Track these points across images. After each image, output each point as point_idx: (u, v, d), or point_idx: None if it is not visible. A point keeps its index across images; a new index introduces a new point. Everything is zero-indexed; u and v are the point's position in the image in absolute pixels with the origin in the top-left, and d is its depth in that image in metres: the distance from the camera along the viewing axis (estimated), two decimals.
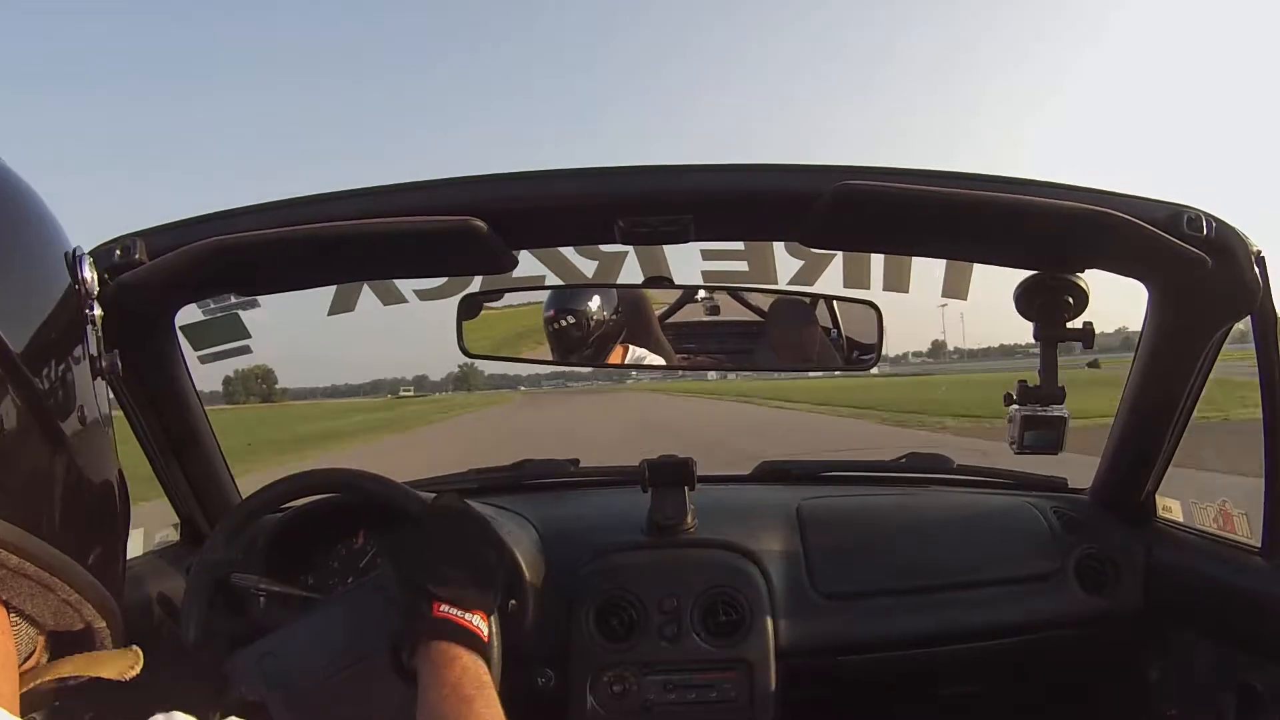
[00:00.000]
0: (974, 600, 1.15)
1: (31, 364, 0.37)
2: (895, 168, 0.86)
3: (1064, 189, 0.86)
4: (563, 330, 1.05)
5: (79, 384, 0.41)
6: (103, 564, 0.41)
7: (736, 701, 1.07)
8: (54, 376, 0.39)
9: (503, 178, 0.90)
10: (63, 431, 0.39)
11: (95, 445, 0.42)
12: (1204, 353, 1.00)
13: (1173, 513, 1.17)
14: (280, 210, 0.89)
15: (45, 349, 0.39)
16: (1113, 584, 1.16)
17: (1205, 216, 0.85)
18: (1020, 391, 1.05)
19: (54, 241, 0.43)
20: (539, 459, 1.45)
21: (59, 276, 0.42)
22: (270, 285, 1.03)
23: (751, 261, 1.15)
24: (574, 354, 1.05)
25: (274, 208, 0.90)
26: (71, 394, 0.40)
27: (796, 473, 1.43)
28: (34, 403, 0.37)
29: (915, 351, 52.54)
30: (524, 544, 1.09)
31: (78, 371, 0.41)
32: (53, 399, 0.39)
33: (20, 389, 0.36)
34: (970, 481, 1.42)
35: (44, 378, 0.38)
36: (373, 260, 0.99)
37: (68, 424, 0.40)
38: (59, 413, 0.39)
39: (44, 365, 0.39)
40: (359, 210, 0.87)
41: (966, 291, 1.11)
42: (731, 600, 1.09)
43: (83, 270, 0.44)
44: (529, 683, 1.06)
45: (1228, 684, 1.00)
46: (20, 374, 0.36)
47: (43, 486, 0.38)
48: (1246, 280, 0.87)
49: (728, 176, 0.89)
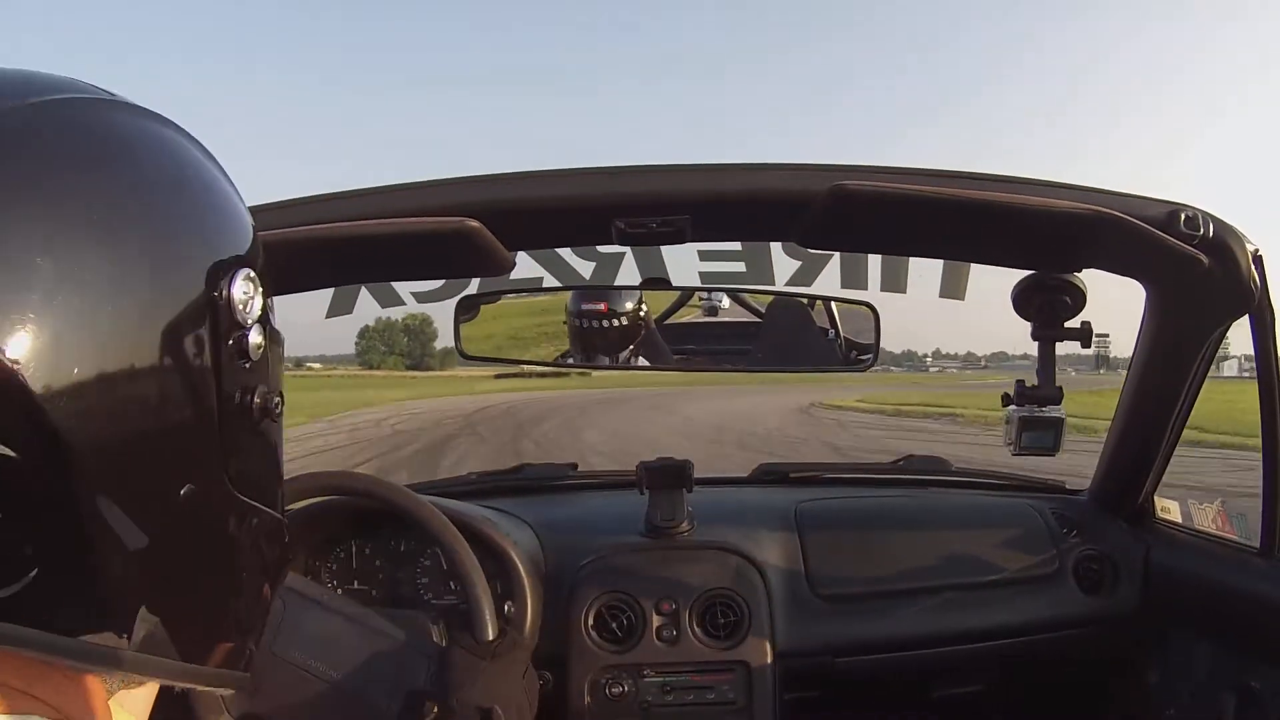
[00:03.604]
0: (973, 601, 1.15)
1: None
2: (891, 167, 0.86)
3: (1061, 188, 0.86)
4: (596, 330, 1.04)
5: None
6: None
7: (735, 703, 1.07)
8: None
9: (499, 178, 0.90)
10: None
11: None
12: (1202, 352, 1.00)
13: (1171, 513, 1.17)
14: (272, 213, 0.89)
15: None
16: (1111, 585, 1.16)
17: (1203, 215, 0.85)
18: (1018, 392, 1.05)
19: (206, 241, 0.36)
20: (538, 463, 1.46)
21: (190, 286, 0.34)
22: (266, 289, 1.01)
23: (749, 262, 1.15)
24: (600, 354, 1.05)
25: (266, 210, 0.90)
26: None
27: (794, 475, 1.43)
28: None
29: (974, 352, 46.15)
30: (522, 546, 1.09)
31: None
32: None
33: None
34: (968, 483, 1.42)
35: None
36: (368, 263, 0.99)
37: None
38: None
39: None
40: (354, 212, 0.86)
41: (964, 292, 1.11)
42: (730, 602, 1.09)
43: (234, 288, 0.36)
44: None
45: (1227, 684, 1.00)
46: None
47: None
48: (1244, 279, 0.87)
49: (725, 177, 0.89)
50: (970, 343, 54.39)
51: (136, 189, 0.34)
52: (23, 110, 0.32)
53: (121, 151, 0.34)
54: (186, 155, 0.38)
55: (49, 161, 0.31)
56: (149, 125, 0.36)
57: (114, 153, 0.34)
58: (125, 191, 0.33)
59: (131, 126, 0.36)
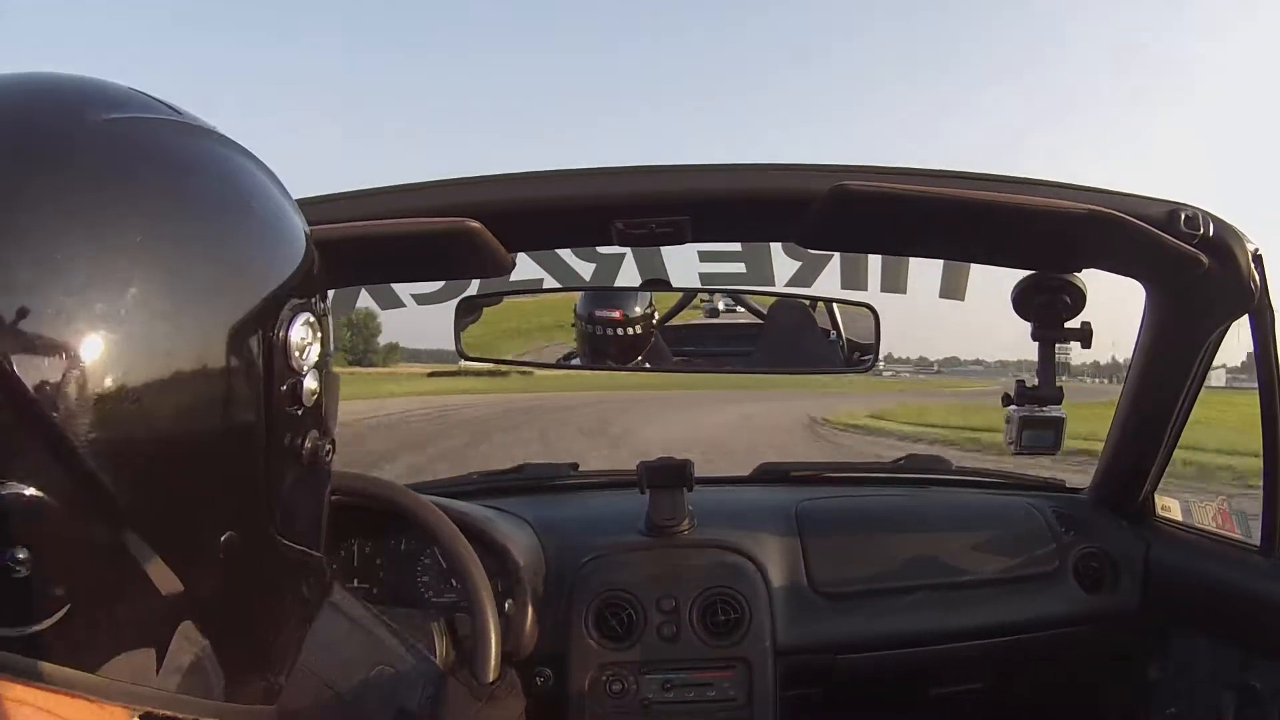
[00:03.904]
0: (973, 600, 1.15)
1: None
2: (891, 167, 0.86)
3: (1061, 188, 0.86)
4: (609, 337, 1.03)
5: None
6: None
7: (735, 700, 1.08)
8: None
9: (499, 179, 0.91)
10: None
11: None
12: (1202, 351, 1.00)
13: (1171, 512, 1.17)
14: None
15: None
16: (1112, 583, 1.16)
17: (1203, 215, 0.85)
18: (1018, 392, 1.05)
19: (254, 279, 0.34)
20: (538, 462, 1.46)
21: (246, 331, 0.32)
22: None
23: (749, 263, 1.15)
24: (609, 360, 1.05)
25: None
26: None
27: (795, 474, 1.43)
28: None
29: (926, 357, 43.27)
30: (522, 545, 1.09)
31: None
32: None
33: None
34: (968, 482, 1.42)
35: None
36: (368, 264, 0.99)
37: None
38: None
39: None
40: (354, 213, 0.86)
41: (964, 292, 1.11)
42: (730, 600, 1.10)
43: (292, 330, 0.34)
44: (528, 682, 1.07)
45: (1227, 682, 1.00)
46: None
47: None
48: (1244, 279, 0.87)
49: (724, 177, 0.89)
50: (922, 348, 53.56)
51: (200, 216, 0.33)
52: (95, 126, 0.31)
53: (187, 176, 0.33)
54: (254, 183, 0.36)
55: (111, 182, 0.30)
56: (218, 149, 0.35)
57: (179, 176, 0.33)
58: (187, 218, 0.32)
59: (201, 150, 0.35)
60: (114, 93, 0.33)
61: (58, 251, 0.28)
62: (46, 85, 0.33)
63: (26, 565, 0.28)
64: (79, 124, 0.30)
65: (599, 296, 1.06)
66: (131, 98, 0.33)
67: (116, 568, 0.30)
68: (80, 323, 0.28)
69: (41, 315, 0.27)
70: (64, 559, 0.29)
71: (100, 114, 0.31)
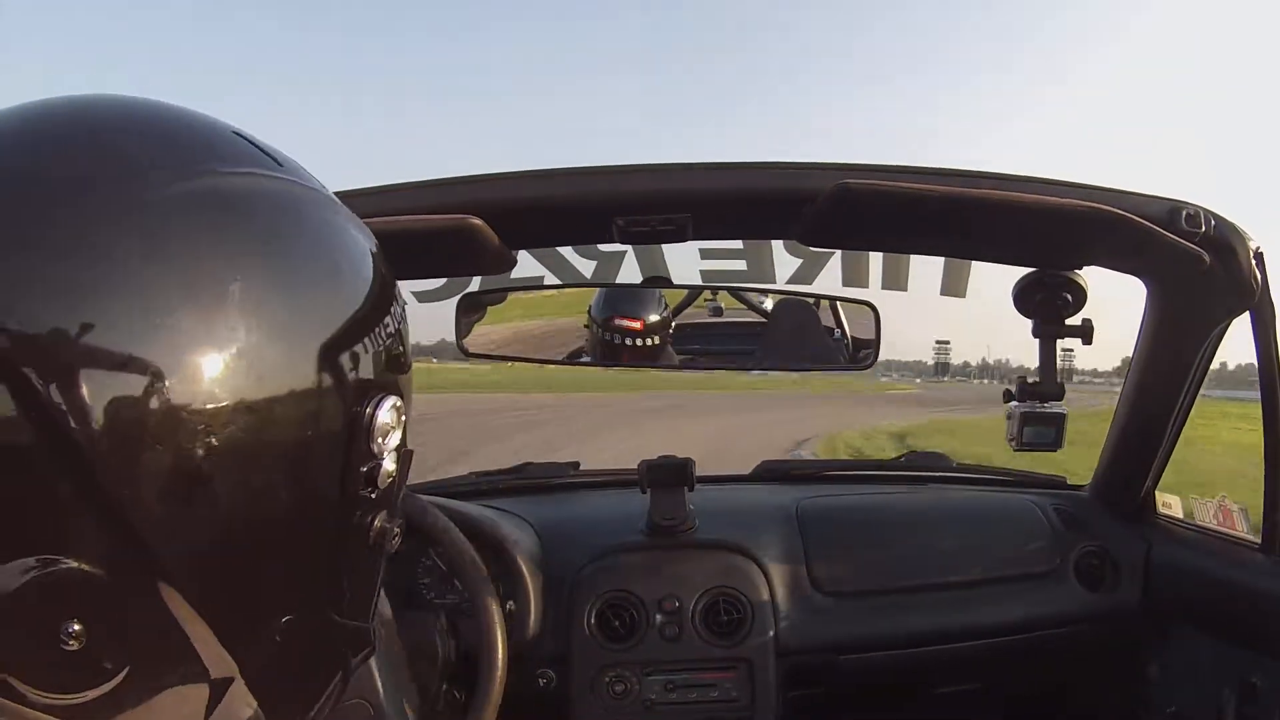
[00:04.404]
0: (974, 598, 1.15)
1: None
2: (893, 165, 0.86)
3: (1062, 186, 0.86)
4: (625, 346, 1.01)
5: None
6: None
7: (737, 700, 1.07)
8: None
9: (500, 177, 0.90)
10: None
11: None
12: (1202, 349, 1.00)
13: (1172, 509, 1.17)
14: None
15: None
16: (1113, 581, 1.16)
17: (1204, 212, 0.86)
18: (1020, 388, 1.05)
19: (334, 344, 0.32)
20: (539, 462, 1.45)
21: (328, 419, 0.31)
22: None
23: (750, 261, 1.15)
24: (622, 364, 1.04)
25: None
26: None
27: (796, 472, 1.43)
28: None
29: (1095, 369, 40.73)
30: (524, 545, 1.09)
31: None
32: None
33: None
34: (970, 479, 1.42)
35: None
36: None
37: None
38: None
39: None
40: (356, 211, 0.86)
41: (965, 290, 1.11)
42: (732, 599, 1.09)
43: (379, 413, 0.33)
44: (530, 682, 1.06)
45: (1228, 680, 1.00)
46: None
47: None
48: (1245, 276, 0.87)
49: (725, 175, 0.89)
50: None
51: (294, 289, 0.31)
52: (204, 183, 0.29)
53: (289, 244, 0.32)
54: (355, 252, 0.35)
55: (205, 253, 0.28)
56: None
57: (281, 246, 0.31)
58: (280, 290, 0.30)
59: (306, 216, 0.33)
60: (214, 141, 0.32)
61: (108, 308, 0.27)
62: (160, 132, 0.31)
63: (79, 638, 0.27)
64: (187, 182, 0.29)
65: (617, 302, 1.03)
66: (230, 147, 0.32)
67: (170, 645, 0.29)
68: (135, 386, 0.27)
69: (95, 378, 0.26)
70: (117, 634, 0.28)
71: (212, 166, 0.30)
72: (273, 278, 0.31)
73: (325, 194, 0.35)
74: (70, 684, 0.28)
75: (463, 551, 0.90)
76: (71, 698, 0.28)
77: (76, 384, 0.26)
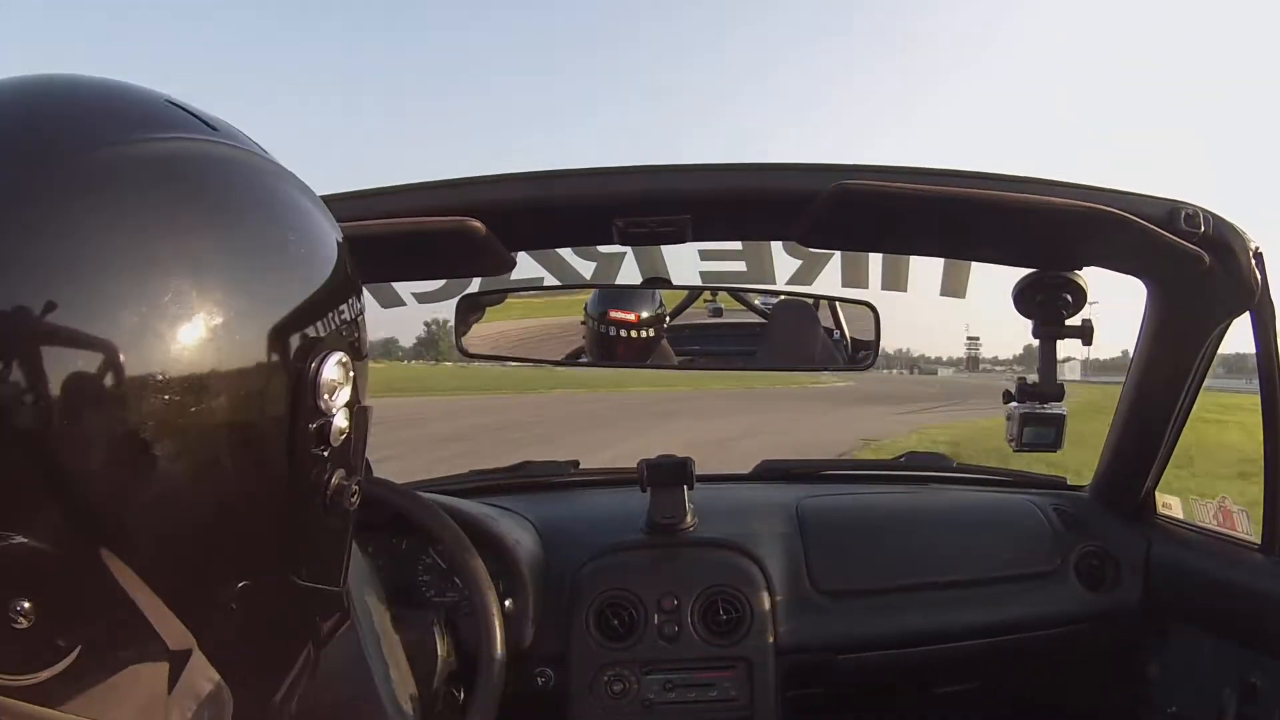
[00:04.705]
0: (974, 598, 1.15)
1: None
2: (892, 166, 0.86)
3: (1062, 186, 0.86)
4: (621, 339, 1.02)
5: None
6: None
7: (737, 700, 1.08)
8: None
9: (500, 178, 0.91)
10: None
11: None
12: (1202, 349, 1.00)
13: (1172, 509, 1.17)
14: None
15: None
16: (1113, 581, 1.16)
17: (1203, 213, 0.86)
18: (1020, 389, 1.05)
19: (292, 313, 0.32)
20: (539, 460, 1.45)
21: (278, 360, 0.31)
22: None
23: (749, 261, 1.15)
24: (619, 360, 1.04)
25: None
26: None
27: (796, 471, 1.43)
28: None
29: (996, 357, 39.07)
30: (523, 544, 1.09)
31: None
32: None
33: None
34: (970, 479, 1.42)
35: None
36: (369, 263, 0.99)
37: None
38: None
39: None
40: (355, 212, 0.86)
41: (965, 290, 1.11)
42: (731, 599, 1.10)
43: (324, 368, 0.33)
44: (529, 682, 1.07)
45: (1228, 680, 1.00)
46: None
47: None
48: (1245, 277, 0.87)
49: (725, 176, 0.89)
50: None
51: (231, 250, 0.31)
52: (133, 149, 0.29)
53: (222, 206, 0.32)
54: (293, 212, 0.35)
55: (144, 209, 0.28)
56: (259, 176, 0.34)
57: (213, 206, 0.31)
58: (216, 252, 0.30)
59: (239, 174, 0.33)
60: (153, 110, 0.32)
61: (70, 284, 0.26)
62: (79, 104, 0.31)
63: (29, 615, 0.27)
64: (114, 149, 0.29)
65: (613, 297, 1.04)
66: (167, 115, 0.32)
67: (123, 619, 0.29)
68: (91, 362, 0.27)
69: (53, 354, 0.26)
70: (68, 610, 0.28)
71: (139, 134, 0.30)
72: (221, 243, 0.31)
73: (259, 153, 0.35)
74: (22, 664, 0.27)
75: (462, 550, 0.90)
76: (25, 678, 0.27)
77: (30, 359, 0.26)
